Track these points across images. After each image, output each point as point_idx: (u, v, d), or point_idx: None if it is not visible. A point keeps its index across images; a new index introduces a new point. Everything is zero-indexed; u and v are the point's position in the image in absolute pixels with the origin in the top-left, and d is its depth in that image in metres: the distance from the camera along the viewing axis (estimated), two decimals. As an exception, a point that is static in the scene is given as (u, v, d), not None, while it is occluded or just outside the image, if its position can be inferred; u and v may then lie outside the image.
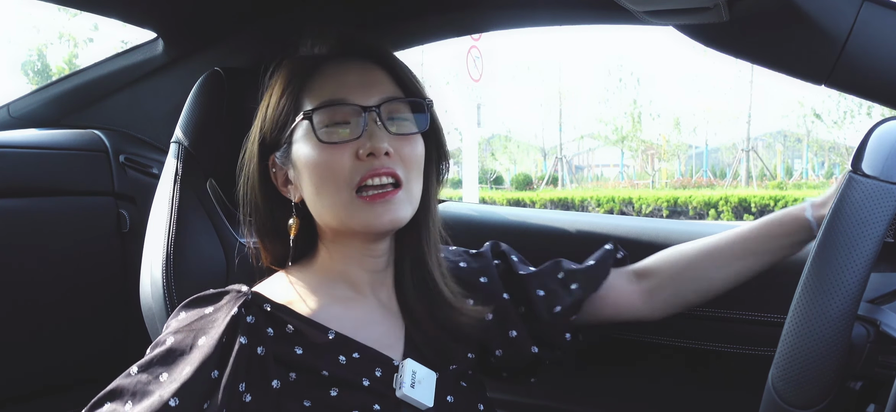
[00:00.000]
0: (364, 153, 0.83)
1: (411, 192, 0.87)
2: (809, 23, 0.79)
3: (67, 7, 1.55)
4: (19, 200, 1.55)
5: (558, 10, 1.31)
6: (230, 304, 0.82)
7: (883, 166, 0.68)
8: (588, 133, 21.24)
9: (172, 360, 0.79)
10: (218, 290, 0.85)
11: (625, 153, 20.40)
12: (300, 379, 0.83)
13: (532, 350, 1.01)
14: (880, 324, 0.71)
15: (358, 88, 0.86)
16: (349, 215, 0.84)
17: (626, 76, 19.37)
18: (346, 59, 0.90)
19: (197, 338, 0.80)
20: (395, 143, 0.85)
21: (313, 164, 0.84)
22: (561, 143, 20.98)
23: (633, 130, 18.92)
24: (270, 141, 0.89)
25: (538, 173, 21.20)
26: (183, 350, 0.79)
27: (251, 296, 0.84)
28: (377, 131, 0.84)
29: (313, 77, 0.88)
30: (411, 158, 0.87)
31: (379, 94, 0.87)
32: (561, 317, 1.01)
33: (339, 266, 0.91)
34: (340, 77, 0.87)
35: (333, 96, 0.85)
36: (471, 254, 1.05)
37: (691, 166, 20.67)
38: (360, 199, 0.83)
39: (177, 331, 0.81)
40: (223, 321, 0.80)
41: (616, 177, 20.98)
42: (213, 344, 0.78)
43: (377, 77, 0.88)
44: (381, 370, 0.86)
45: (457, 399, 0.92)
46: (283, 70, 0.90)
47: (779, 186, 15.26)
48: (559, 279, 1.04)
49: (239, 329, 0.81)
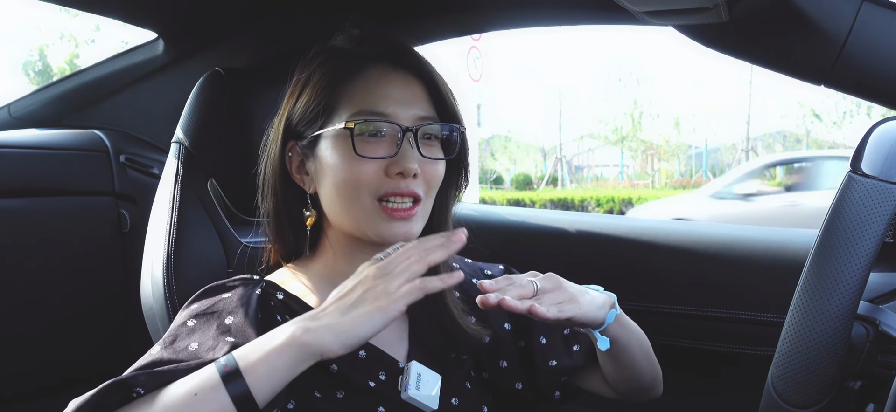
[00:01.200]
0: (394, 171, 0.84)
1: (426, 209, 0.89)
2: (809, 23, 0.79)
3: (68, 7, 1.55)
4: (20, 200, 1.55)
5: (558, 11, 1.31)
6: (251, 287, 0.83)
7: (882, 166, 0.68)
8: (588, 133, 21.25)
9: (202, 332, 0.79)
10: (227, 280, 0.86)
11: (624, 153, 20.41)
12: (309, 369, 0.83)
13: (516, 386, 1.00)
14: (880, 323, 0.71)
15: (398, 102, 0.86)
16: (367, 222, 0.85)
17: (626, 76, 19.39)
18: (390, 65, 0.88)
19: (222, 317, 0.80)
20: (423, 165, 0.86)
21: (341, 169, 0.85)
22: (561, 143, 20.97)
23: (632, 130, 18.93)
24: (296, 129, 0.89)
25: (538, 173, 21.20)
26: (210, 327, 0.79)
27: (265, 284, 0.85)
28: (410, 152, 0.84)
29: (356, 79, 0.87)
30: (434, 180, 0.88)
31: (416, 110, 0.87)
32: (555, 372, 0.99)
33: (344, 266, 0.90)
34: (383, 88, 0.86)
35: (376, 108, 0.85)
36: (487, 273, 1.04)
37: (691, 166, 20.67)
38: (380, 209, 0.84)
39: (197, 314, 0.81)
40: (249, 300, 0.81)
41: (616, 177, 20.98)
42: (251, 319, 0.79)
43: (417, 93, 0.88)
44: (385, 373, 0.87)
45: (461, 401, 0.92)
46: (324, 62, 0.88)
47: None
48: (564, 335, 1.02)
49: (270, 308, 0.82)
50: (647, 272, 1.23)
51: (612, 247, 1.27)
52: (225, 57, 1.53)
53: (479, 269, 1.05)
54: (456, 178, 0.95)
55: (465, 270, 1.03)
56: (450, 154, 0.90)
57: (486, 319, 0.99)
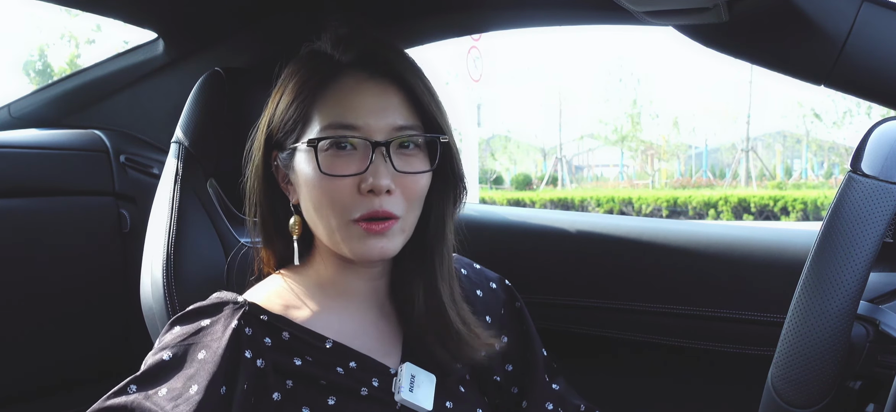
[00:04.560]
0: (366, 188, 0.80)
1: (407, 223, 0.84)
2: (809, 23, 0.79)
3: (68, 7, 1.55)
4: (20, 200, 1.55)
5: (558, 10, 1.31)
6: (228, 317, 0.81)
7: (882, 166, 0.68)
8: (588, 133, 21.24)
9: (173, 377, 0.76)
10: (211, 302, 0.83)
11: (624, 153, 20.40)
12: (298, 387, 0.82)
13: (512, 390, 0.99)
14: (880, 323, 0.71)
15: (371, 113, 0.81)
16: (343, 240, 0.82)
17: (626, 76, 19.39)
18: (366, 72, 0.84)
19: (196, 352, 0.78)
20: (399, 180, 0.82)
21: (313, 186, 0.82)
22: (561, 143, 20.97)
23: (632, 130, 18.93)
24: (276, 140, 0.87)
25: (538, 173, 21.19)
26: (183, 365, 0.77)
27: (248, 308, 0.82)
28: (382, 168, 0.80)
29: (328, 87, 0.83)
30: (413, 194, 0.84)
31: (392, 120, 0.82)
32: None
33: (335, 274, 0.89)
34: (355, 97, 0.82)
35: (345, 121, 0.81)
36: (491, 287, 1.02)
37: (691, 166, 20.67)
38: (355, 225, 0.81)
39: (173, 345, 0.79)
40: (224, 335, 0.79)
41: (616, 177, 20.98)
42: (218, 359, 0.77)
43: (393, 101, 0.83)
44: (378, 380, 0.85)
45: (456, 404, 0.91)
46: (300, 70, 0.86)
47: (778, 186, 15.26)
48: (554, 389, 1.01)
49: (241, 343, 0.79)
50: (647, 272, 1.23)
51: (612, 247, 1.27)
52: (225, 57, 1.53)
53: (485, 280, 1.02)
54: (448, 190, 0.90)
55: (472, 278, 1.01)
56: (431, 166, 0.85)
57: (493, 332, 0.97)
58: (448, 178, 0.89)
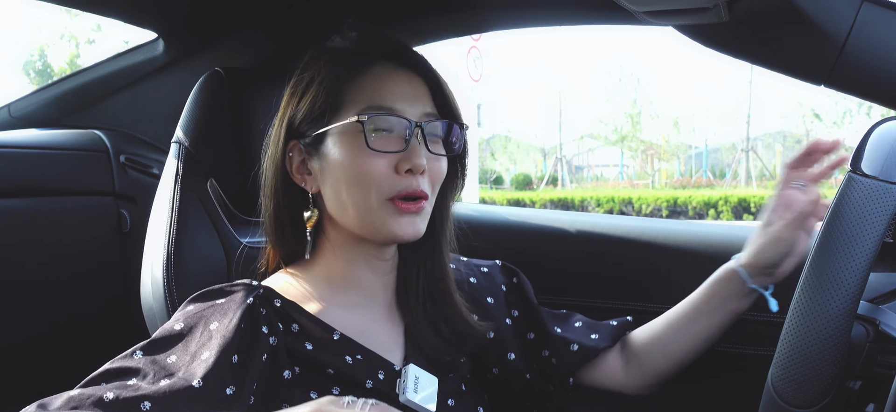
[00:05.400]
0: (403, 168, 0.84)
1: (431, 205, 0.89)
2: (809, 23, 0.79)
3: (68, 7, 1.55)
4: (20, 200, 1.55)
5: (558, 11, 1.31)
6: (244, 295, 0.83)
7: (882, 166, 0.68)
8: (588, 133, 21.25)
9: (183, 344, 0.78)
10: (227, 285, 0.85)
11: (624, 153, 20.41)
12: (306, 372, 0.83)
13: (526, 376, 1.01)
14: (880, 323, 0.71)
15: (405, 99, 0.86)
16: (376, 218, 0.85)
17: (625, 76, 19.40)
18: (393, 63, 0.89)
19: (209, 323, 0.79)
20: (429, 162, 0.86)
21: (351, 166, 0.84)
22: (561, 143, 20.97)
23: (632, 130, 18.94)
24: (299, 128, 0.88)
25: (538, 173, 21.20)
26: (195, 335, 0.78)
27: (263, 291, 0.84)
28: (418, 148, 0.84)
29: (361, 76, 0.87)
30: (438, 177, 0.89)
31: (422, 107, 0.87)
32: (576, 357, 1.01)
33: (345, 268, 0.90)
34: (389, 83, 0.86)
35: (384, 103, 0.85)
36: (482, 272, 1.05)
37: (691, 166, 20.68)
38: (390, 204, 0.84)
39: (186, 318, 0.81)
40: (239, 309, 0.80)
41: (616, 177, 20.98)
42: (233, 329, 0.78)
43: (421, 91, 0.88)
44: (383, 373, 0.87)
45: (457, 403, 0.92)
46: (327, 63, 0.88)
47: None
48: (576, 327, 1.04)
49: (257, 319, 0.81)
50: (647, 272, 1.23)
51: (612, 247, 1.27)
52: (225, 57, 1.53)
53: (475, 267, 1.05)
54: (455, 178, 0.95)
55: (461, 270, 1.03)
56: (453, 152, 0.90)
57: (488, 316, 0.99)
58: (456, 168, 0.95)
